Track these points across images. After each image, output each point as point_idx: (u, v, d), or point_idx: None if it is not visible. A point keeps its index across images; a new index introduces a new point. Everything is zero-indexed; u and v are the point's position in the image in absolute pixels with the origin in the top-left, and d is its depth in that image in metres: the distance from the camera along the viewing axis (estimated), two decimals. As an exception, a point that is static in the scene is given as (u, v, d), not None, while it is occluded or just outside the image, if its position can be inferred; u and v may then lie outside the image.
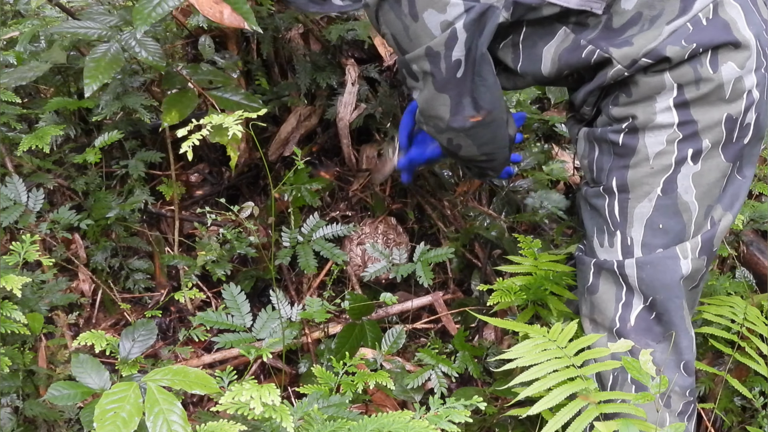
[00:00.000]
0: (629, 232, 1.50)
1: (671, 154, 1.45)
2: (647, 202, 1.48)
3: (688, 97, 1.42)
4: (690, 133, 1.44)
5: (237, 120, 1.26)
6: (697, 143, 1.44)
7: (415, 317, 2.19)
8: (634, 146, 1.47)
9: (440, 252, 2.09)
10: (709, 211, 1.50)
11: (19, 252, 1.57)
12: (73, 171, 2.13)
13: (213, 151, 2.39)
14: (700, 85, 1.41)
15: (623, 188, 1.50)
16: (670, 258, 1.48)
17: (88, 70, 1.74)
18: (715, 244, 1.52)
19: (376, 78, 2.31)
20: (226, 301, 1.81)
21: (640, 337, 1.49)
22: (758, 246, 2.17)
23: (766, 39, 1.44)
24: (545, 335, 1.44)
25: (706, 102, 1.42)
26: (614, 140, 1.49)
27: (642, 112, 1.44)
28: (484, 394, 1.78)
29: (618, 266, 1.51)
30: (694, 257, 1.49)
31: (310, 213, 2.22)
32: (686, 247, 1.49)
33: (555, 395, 1.35)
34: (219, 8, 1.66)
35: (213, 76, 2.01)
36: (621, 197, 1.50)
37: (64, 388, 1.35)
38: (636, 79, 1.43)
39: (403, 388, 1.82)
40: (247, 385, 1.22)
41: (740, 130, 1.45)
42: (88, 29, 1.85)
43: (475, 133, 1.55)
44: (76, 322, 2.03)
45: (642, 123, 1.45)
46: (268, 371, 2.01)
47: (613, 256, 1.53)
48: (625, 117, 1.46)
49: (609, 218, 1.52)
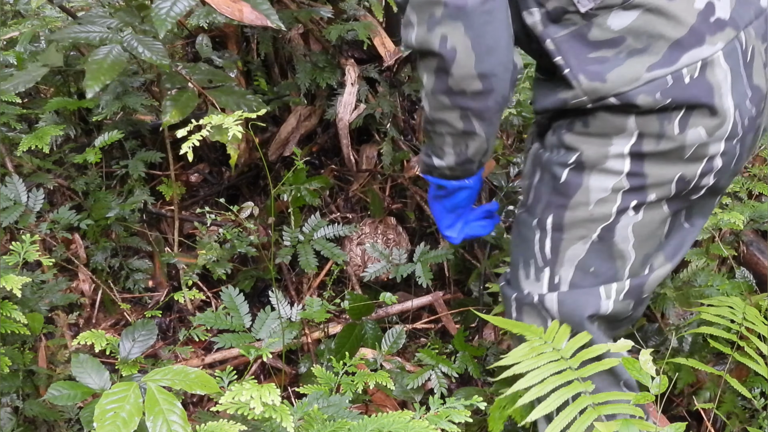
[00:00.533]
0: (558, 271, 1.43)
1: (614, 203, 1.37)
2: (581, 245, 1.40)
3: (645, 150, 1.33)
4: (637, 186, 1.36)
5: (237, 120, 1.26)
6: (642, 196, 1.36)
7: (415, 317, 2.19)
8: (577, 186, 1.37)
9: (440, 252, 2.09)
10: (648, 259, 1.43)
11: (19, 252, 1.57)
12: (73, 171, 2.13)
13: (213, 151, 2.39)
14: (661, 142, 1.32)
15: (558, 227, 1.41)
16: (592, 295, 1.42)
17: (90, 71, 1.74)
18: (645, 291, 1.45)
19: (376, 78, 2.31)
20: (224, 302, 1.82)
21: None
22: (758, 246, 2.17)
23: (746, 109, 1.34)
24: (541, 336, 1.43)
25: (662, 158, 1.33)
26: (557, 174, 1.39)
27: (594, 149, 1.35)
28: (484, 394, 1.78)
29: (539, 300, 1.44)
30: (617, 299, 1.42)
31: (310, 213, 2.22)
32: (612, 288, 1.42)
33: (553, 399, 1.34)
34: (238, 6, 1.65)
35: (212, 75, 2.01)
36: (554, 236, 1.42)
37: (64, 388, 1.35)
38: (597, 113, 1.33)
39: (403, 388, 1.82)
40: (247, 385, 1.22)
41: (692, 190, 1.38)
42: (89, 33, 1.84)
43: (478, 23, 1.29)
44: (76, 322, 2.03)
45: (591, 162, 1.36)
46: (268, 371, 2.01)
47: (537, 290, 1.45)
48: (575, 148, 1.37)
49: (539, 253, 1.44)
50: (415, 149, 2.36)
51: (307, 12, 2.22)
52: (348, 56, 2.29)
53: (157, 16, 1.63)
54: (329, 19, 2.26)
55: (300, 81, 2.22)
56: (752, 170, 2.31)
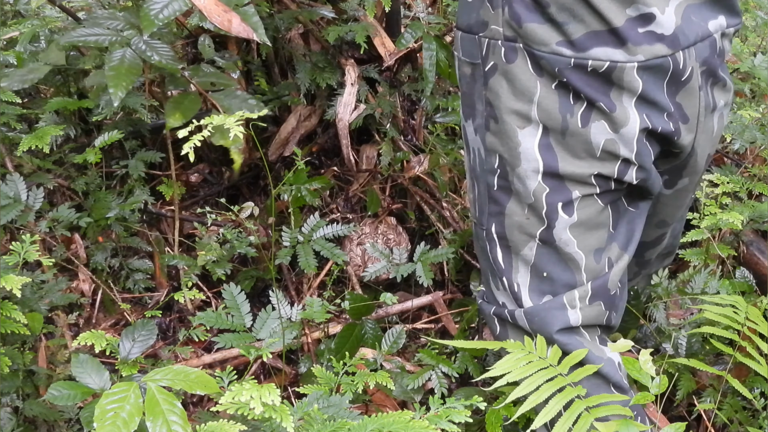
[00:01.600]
0: (515, 278, 1.42)
1: (541, 208, 1.36)
2: (528, 250, 1.40)
3: (553, 144, 1.32)
4: (557, 186, 1.34)
5: (238, 121, 1.26)
6: (566, 195, 1.35)
7: (415, 317, 2.19)
8: (508, 192, 1.38)
9: (440, 252, 2.09)
10: (601, 254, 1.41)
11: (19, 252, 1.57)
12: (73, 171, 2.13)
13: (213, 151, 2.39)
14: (566, 137, 1.31)
15: (502, 235, 1.42)
16: (557, 308, 1.40)
17: (110, 78, 1.72)
18: (611, 288, 1.43)
19: (376, 78, 2.31)
20: (226, 301, 1.81)
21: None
22: (758, 246, 2.17)
23: (663, 122, 1.32)
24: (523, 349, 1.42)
25: (573, 155, 1.32)
26: (490, 183, 1.40)
27: (507, 148, 1.34)
28: (484, 394, 1.78)
29: (511, 317, 1.44)
30: (584, 306, 1.40)
31: (310, 213, 2.22)
32: (574, 296, 1.40)
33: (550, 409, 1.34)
34: (228, 17, 1.65)
35: (215, 78, 2.01)
36: (501, 243, 1.42)
37: (64, 388, 1.35)
38: (502, 108, 1.33)
39: (403, 388, 1.82)
40: (247, 385, 1.22)
41: (617, 183, 1.36)
42: (98, 36, 1.83)
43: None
44: (76, 322, 2.03)
45: (510, 164, 1.35)
46: (268, 371, 2.01)
47: (509, 302, 1.45)
48: (494, 150, 1.37)
49: (494, 264, 1.45)
50: (415, 149, 2.36)
51: (307, 12, 2.22)
52: (348, 56, 2.29)
53: (146, 17, 1.63)
54: (329, 20, 2.26)
55: (300, 81, 2.22)
56: (752, 170, 2.31)
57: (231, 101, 1.94)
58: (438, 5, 2.50)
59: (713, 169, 2.42)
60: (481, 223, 1.45)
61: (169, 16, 1.64)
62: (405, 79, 2.36)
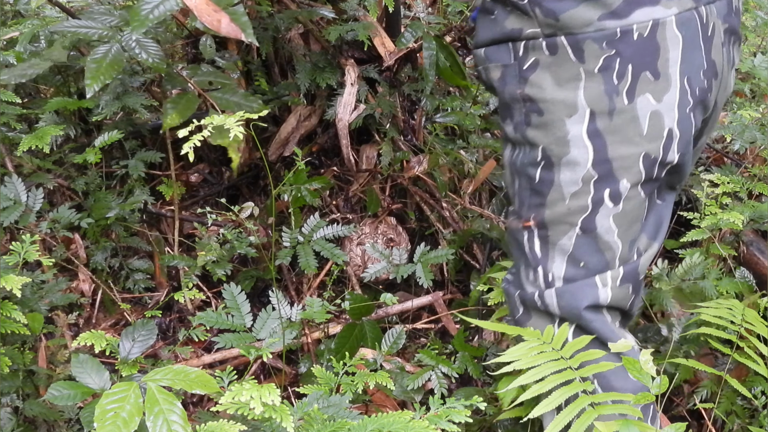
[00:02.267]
0: (550, 267, 1.46)
1: (587, 194, 1.39)
2: (567, 240, 1.43)
3: (601, 128, 1.36)
4: (605, 173, 1.38)
5: (238, 121, 1.26)
6: (614, 183, 1.39)
7: (414, 317, 2.19)
8: (551, 182, 1.41)
9: (440, 253, 2.09)
10: (633, 244, 1.45)
11: (19, 252, 1.57)
12: (73, 171, 2.13)
13: (213, 151, 2.39)
14: (614, 117, 1.35)
15: (542, 225, 1.45)
16: (588, 285, 1.44)
17: (89, 71, 1.74)
18: (640, 273, 1.48)
19: (376, 78, 2.31)
20: (226, 301, 1.82)
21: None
22: (758, 246, 2.17)
23: (699, 80, 1.38)
24: (539, 338, 1.44)
25: (621, 136, 1.36)
26: (532, 175, 1.43)
27: (553, 138, 1.38)
28: (484, 394, 1.78)
29: (539, 296, 1.47)
30: (614, 286, 1.44)
31: (310, 213, 2.22)
32: (607, 276, 1.44)
33: (554, 398, 1.35)
34: (217, 16, 1.65)
35: (213, 77, 2.01)
36: (541, 233, 1.46)
37: (64, 388, 1.35)
38: (547, 100, 1.37)
39: (403, 388, 1.82)
40: (247, 385, 1.22)
41: (660, 168, 1.40)
42: (88, 29, 1.84)
43: None
44: (76, 322, 2.03)
45: (556, 155, 1.39)
46: (268, 371, 2.01)
47: (536, 289, 1.48)
48: (537, 143, 1.41)
49: (530, 254, 1.48)
50: (414, 149, 2.36)
51: (307, 12, 2.22)
52: (348, 56, 2.29)
53: (137, 16, 1.63)
54: (329, 20, 2.26)
55: (300, 81, 2.22)
56: (752, 170, 2.31)
57: (229, 100, 1.94)
58: (438, 5, 2.50)
59: (713, 169, 2.43)
60: (521, 215, 1.49)
61: (160, 16, 1.63)
62: (405, 79, 2.36)
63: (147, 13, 1.63)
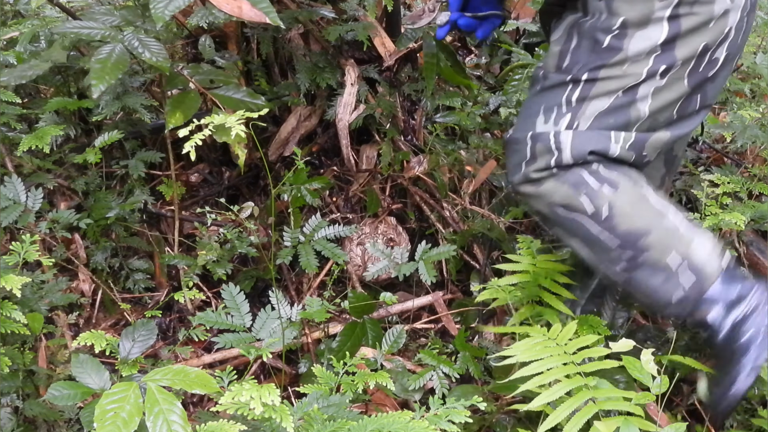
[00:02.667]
0: (579, 117, 1.57)
1: (646, 65, 1.53)
2: (606, 99, 1.55)
3: (682, 13, 1.50)
4: (668, 50, 1.52)
5: (239, 119, 1.26)
6: (671, 59, 1.53)
7: (415, 317, 2.19)
8: (617, 50, 1.53)
9: (442, 250, 2.09)
10: (655, 118, 1.58)
11: (19, 252, 1.57)
12: (73, 171, 2.13)
13: (213, 151, 2.39)
14: (695, 6, 1.50)
15: (591, 81, 1.56)
16: (604, 136, 1.56)
17: (94, 71, 1.73)
18: (646, 148, 1.59)
19: (376, 78, 2.31)
20: (225, 301, 1.81)
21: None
22: (758, 246, 2.17)
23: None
24: (544, 334, 1.45)
25: (693, 27, 1.51)
26: (600, 39, 1.55)
27: (638, 13, 1.51)
28: (483, 393, 1.78)
29: (554, 135, 1.57)
30: (623, 146, 1.57)
31: (311, 213, 2.22)
32: (620, 135, 1.56)
33: (554, 391, 1.35)
34: (237, 3, 1.66)
35: (214, 75, 2.01)
36: (585, 87, 1.57)
37: (64, 388, 1.35)
38: None
39: (404, 387, 1.82)
40: (247, 385, 1.22)
41: (708, 63, 1.55)
42: (91, 30, 1.84)
43: None
44: (76, 322, 2.03)
45: (634, 24, 1.52)
46: (268, 371, 2.01)
47: (552, 129, 1.58)
48: (619, 13, 1.53)
49: (564, 102, 1.58)
50: (414, 149, 2.36)
51: (307, 12, 2.22)
52: (348, 56, 2.29)
53: (156, 9, 1.63)
54: (329, 20, 2.26)
55: (300, 81, 2.22)
56: (752, 170, 2.31)
57: (231, 98, 1.94)
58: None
59: (713, 170, 2.42)
60: (568, 70, 1.59)
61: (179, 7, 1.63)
62: (405, 79, 2.36)
63: (165, 5, 1.63)
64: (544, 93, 1.62)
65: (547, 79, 1.63)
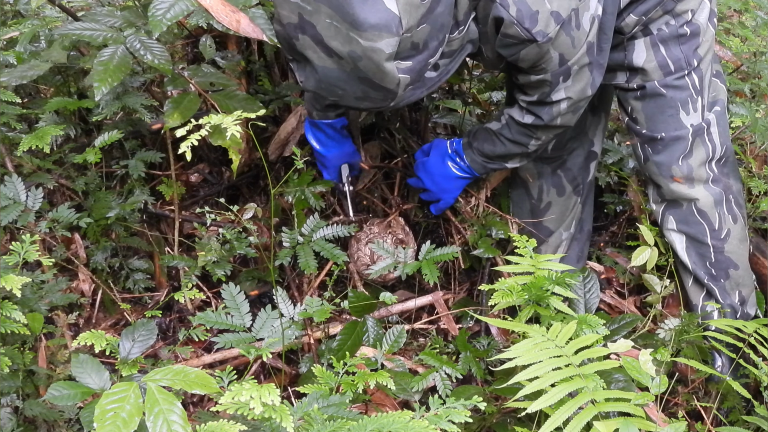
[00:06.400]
0: (705, 96, 1.94)
1: (709, 30, 1.93)
2: (709, 70, 1.95)
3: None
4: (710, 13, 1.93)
5: (236, 121, 1.26)
6: (713, 24, 1.95)
7: (415, 317, 2.18)
8: (697, 28, 1.90)
9: (446, 251, 2.07)
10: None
11: (19, 252, 1.57)
12: (73, 171, 2.13)
13: (213, 151, 2.39)
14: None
15: (700, 61, 1.92)
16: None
17: (96, 73, 1.73)
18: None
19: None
20: (225, 301, 1.81)
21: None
22: (758, 246, 2.17)
23: None
24: (544, 334, 1.45)
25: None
26: (682, 33, 1.89)
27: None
28: (483, 393, 1.78)
29: (705, 122, 1.95)
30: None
31: (311, 213, 2.21)
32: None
33: (555, 393, 1.35)
34: (236, 17, 1.67)
35: (214, 78, 2.01)
36: (698, 70, 1.92)
37: (64, 388, 1.35)
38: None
39: (404, 387, 1.82)
40: (247, 385, 1.22)
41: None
42: (93, 31, 1.83)
43: None
44: (76, 322, 2.03)
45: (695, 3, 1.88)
46: (268, 371, 2.01)
47: (698, 120, 1.94)
48: (686, 10, 1.87)
49: (692, 89, 1.93)
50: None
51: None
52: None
53: (154, 17, 1.63)
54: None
55: (300, 81, 2.22)
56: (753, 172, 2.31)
57: (230, 101, 1.94)
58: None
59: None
60: (680, 68, 1.92)
61: (177, 16, 1.64)
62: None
63: (163, 13, 1.64)
64: (670, 96, 1.95)
65: (665, 86, 1.94)
